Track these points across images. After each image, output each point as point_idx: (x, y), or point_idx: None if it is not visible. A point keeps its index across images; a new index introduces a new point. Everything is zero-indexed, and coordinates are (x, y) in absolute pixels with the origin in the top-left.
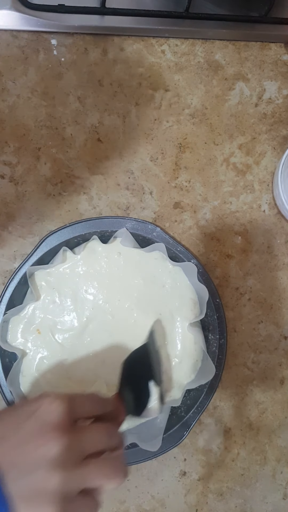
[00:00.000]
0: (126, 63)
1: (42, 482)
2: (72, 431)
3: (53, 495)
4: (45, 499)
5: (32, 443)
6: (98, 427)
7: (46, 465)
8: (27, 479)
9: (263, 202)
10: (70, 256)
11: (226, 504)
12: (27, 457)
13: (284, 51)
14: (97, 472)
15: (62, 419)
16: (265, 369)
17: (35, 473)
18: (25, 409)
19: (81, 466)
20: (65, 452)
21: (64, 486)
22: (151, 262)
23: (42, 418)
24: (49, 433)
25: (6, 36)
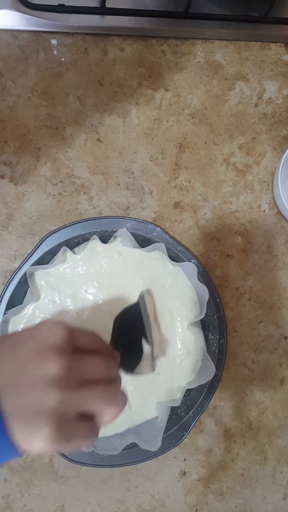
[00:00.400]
0: (126, 63)
1: (39, 400)
2: (72, 355)
3: (50, 413)
4: (41, 417)
5: (31, 362)
6: (96, 357)
7: (44, 384)
8: (24, 397)
9: (263, 202)
10: (70, 256)
11: (226, 504)
12: (25, 375)
13: (284, 51)
14: (95, 396)
15: (62, 342)
16: (265, 369)
17: (33, 391)
18: (25, 332)
19: (79, 389)
20: (63, 372)
21: (61, 405)
22: (151, 262)
23: (42, 340)
24: (48, 353)
25: (6, 36)
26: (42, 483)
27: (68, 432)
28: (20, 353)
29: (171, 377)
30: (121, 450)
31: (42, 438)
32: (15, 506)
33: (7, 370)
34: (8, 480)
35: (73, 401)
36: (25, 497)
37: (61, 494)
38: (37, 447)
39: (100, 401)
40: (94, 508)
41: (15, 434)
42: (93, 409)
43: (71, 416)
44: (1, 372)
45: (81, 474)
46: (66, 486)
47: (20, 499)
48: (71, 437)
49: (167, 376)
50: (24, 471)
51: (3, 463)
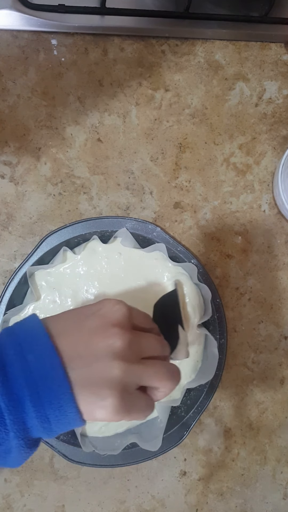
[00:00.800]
0: (126, 63)
1: (104, 371)
2: (132, 331)
3: (114, 383)
4: (106, 386)
5: (95, 336)
6: (153, 335)
7: (109, 356)
8: (89, 367)
9: (263, 202)
10: (70, 256)
11: (226, 504)
12: (90, 348)
13: (284, 51)
14: (154, 371)
15: (124, 319)
16: (265, 369)
17: (98, 362)
18: (88, 308)
19: (140, 363)
20: (127, 347)
21: (124, 376)
22: (152, 263)
23: (105, 315)
24: (113, 329)
25: (6, 36)
26: (42, 483)
27: (129, 404)
28: (86, 327)
29: None
30: (121, 450)
31: (105, 407)
32: (15, 506)
33: (73, 342)
34: (8, 480)
35: (134, 374)
36: (25, 497)
37: (61, 494)
38: (100, 416)
39: (158, 376)
40: (94, 508)
41: (81, 403)
42: (151, 384)
43: (132, 389)
44: (67, 344)
45: (81, 474)
46: (66, 486)
47: (20, 499)
48: (131, 408)
49: None
50: (24, 471)
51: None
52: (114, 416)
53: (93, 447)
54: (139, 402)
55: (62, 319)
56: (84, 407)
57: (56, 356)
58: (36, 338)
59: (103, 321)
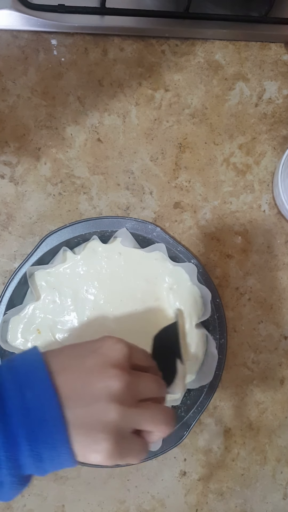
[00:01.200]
0: (126, 63)
1: (101, 413)
2: (131, 373)
3: (110, 426)
4: (102, 429)
5: (94, 376)
6: (151, 376)
7: (106, 398)
8: (87, 408)
9: (263, 202)
10: (70, 256)
11: (226, 504)
12: (88, 388)
13: (284, 51)
14: (150, 415)
15: (124, 360)
16: (265, 369)
17: (95, 404)
18: (89, 345)
19: (137, 407)
20: (124, 390)
21: (120, 420)
22: (152, 263)
23: (106, 354)
24: (112, 369)
25: (6, 36)
26: (42, 483)
27: (123, 449)
28: (85, 365)
29: None
30: None
31: (99, 452)
32: (15, 506)
33: (72, 381)
34: None
35: (131, 418)
36: (25, 497)
37: (61, 494)
38: (94, 460)
39: (154, 421)
40: (94, 508)
41: (75, 445)
42: (146, 428)
43: (127, 433)
44: (66, 382)
45: (81, 474)
46: (66, 486)
47: (20, 499)
48: (126, 453)
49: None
50: None
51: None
52: (107, 460)
53: None
54: (134, 447)
55: (63, 355)
56: (78, 450)
57: (54, 395)
58: (36, 374)
59: (103, 360)
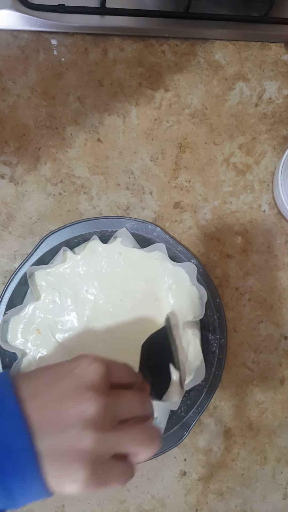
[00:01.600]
0: (126, 63)
1: (74, 441)
2: (109, 394)
3: (85, 455)
4: (77, 460)
5: (67, 401)
6: (132, 394)
7: (81, 424)
8: (59, 437)
9: (263, 202)
10: (70, 256)
11: (226, 504)
12: (61, 415)
13: (284, 51)
14: (131, 437)
15: (100, 380)
16: (265, 369)
17: (69, 431)
18: (62, 367)
19: (115, 430)
20: (101, 413)
21: (97, 447)
22: (152, 262)
23: (80, 376)
24: (86, 393)
25: (6, 36)
26: None
27: (102, 476)
28: (57, 389)
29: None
30: None
31: (76, 482)
32: None
33: (43, 407)
34: None
35: (109, 443)
36: None
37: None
38: (70, 490)
39: (136, 442)
40: (94, 508)
41: (48, 476)
42: (128, 450)
43: (106, 459)
44: (37, 409)
45: None
46: None
47: None
48: (105, 480)
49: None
50: None
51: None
52: (85, 489)
53: None
54: (115, 472)
55: (34, 379)
56: (53, 481)
57: (23, 424)
58: (3, 402)
59: (76, 383)
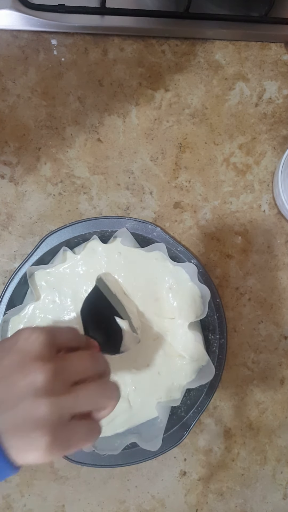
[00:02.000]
0: (126, 63)
1: (30, 412)
2: (56, 359)
3: (43, 422)
4: (35, 428)
5: (14, 376)
6: (81, 354)
7: (32, 394)
8: (14, 412)
9: (263, 202)
10: (70, 256)
11: (226, 504)
12: (10, 390)
13: (284, 51)
14: (88, 395)
15: (43, 348)
16: (265, 369)
17: (22, 404)
18: (3, 345)
19: (70, 392)
20: (50, 379)
21: (53, 412)
22: (152, 262)
23: (22, 350)
24: (31, 364)
25: (6, 36)
26: (42, 483)
27: (66, 437)
28: (3, 366)
29: (171, 377)
30: (121, 450)
31: (39, 449)
32: (15, 506)
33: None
34: (8, 480)
35: (65, 405)
36: (25, 497)
37: (61, 494)
38: (35, 459)
39: (93, 400)
40: (94, 508)
41: (11, 451)
42: (87, 409)
43: (65, 421)
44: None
45: (81, 474)
46: (66, 486)
47: (20, 499)
48: (69, 442)
49: (167, 376)
50: (24, 471)
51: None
52: (50, 455)
53: (93, 447)
54: (79, 431)
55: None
56: (16, 454)
57: None
58: None
59: (20, 357)
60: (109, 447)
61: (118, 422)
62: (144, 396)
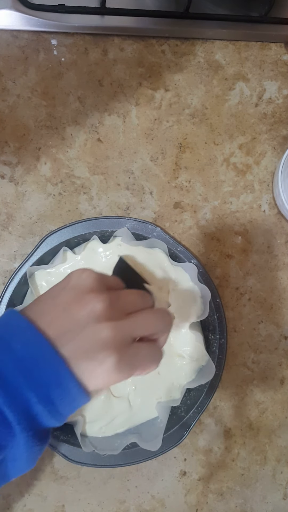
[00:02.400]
0: (126, 63)
1: (93, 336)
2: (109, 291)
3: (107, 343)
4: (100, 348)
5: (73, 308)
6: (130, 290)
7: (93, 321)
8: (78, 339)
9: (263, 202)
10: (70, 256)
11: (226, 504)
12: (72, 321)
13: (284, 51)
14: (143, 320)
15: (96, 283)
16: (265, 369)
17: (85, 330)
18: (57, 286)
19: (127, 318)
20: (108, 307)
21: (115, 334)
22: (152, 263)
23: (76, 286)
24: (88, 295)
25: (6, 36)
26: (42, 483)
27: (131, 357)
28: (61, 302)
29: (171, 377)
30: (121, 450)
31: (107, 370)
32: (15, 506)
33: (54, 320)
34: None
35: (125, 329)
36: (25, 497)
37: (61, 494)
38: (104, 381)
39: (150, 323)
40: (94, 508)
41: (81, 375)
42: (146, 332)
43: (128, 342)
44: (50, 323)
45: (81, 474)
46: (66, 486)
47: (20, 499)
48: (135, 361)
49: (167, 376)
50: None
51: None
52: (118, 375)
53: (93, 447)
54: (142, 352)
55: (36, 304)
56: (86, 378)
57: (41, 337)
58: (17, 326)
59: (76, 292)
60: (109, 447)
61: (118, 422)
62: (144, 396)
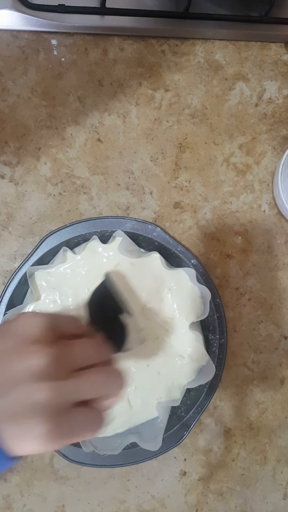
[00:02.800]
0: (126, 63)
1: (26, 396)
2: (56, 344)
3: (41, 407)
4: (32, 413)
5: (11, 359)
6: (84, 341)
7: (31, 378)
8: (8, 397)
9: (263, 202)
10: (70, 256)
11: (226, 504)
12: (8, 374)
13: (284, 51)
14: (90, 382)
15: (43, 332)
16: (265, 369)
17: (18, 388)
18: (2, 328)
19: (72, 377)
20: (50, 363)
21: (53, 397)
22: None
23: (20, 333)
24: (31, 346)
25: (6, 36)
26: (42, 483)
27: (66, 425)
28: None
29: (171, 377)
30: (121, 450)
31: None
32: (15, 506)
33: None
34: (8, 480)
35: (66, 391)
36: (25, 497)
37: (61, 494)
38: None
39: (97, 386)
40: (94, 508)
41: (8, 440)
42: (90, 396)
43: (66, 408)
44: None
45: (81, 474)
46: (66, 486)
47: (20, 499)
48: (71, 430)
49: (167, 376)
50: (24, 471)
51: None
52: (50, 444)
53: (93, 447)
54: (81, 420)
55: None
56: (13, 443)
57: None
58: None
59: (18, 340)
60: (109, 447)
61: (118, 422)
62: (144, 396)
